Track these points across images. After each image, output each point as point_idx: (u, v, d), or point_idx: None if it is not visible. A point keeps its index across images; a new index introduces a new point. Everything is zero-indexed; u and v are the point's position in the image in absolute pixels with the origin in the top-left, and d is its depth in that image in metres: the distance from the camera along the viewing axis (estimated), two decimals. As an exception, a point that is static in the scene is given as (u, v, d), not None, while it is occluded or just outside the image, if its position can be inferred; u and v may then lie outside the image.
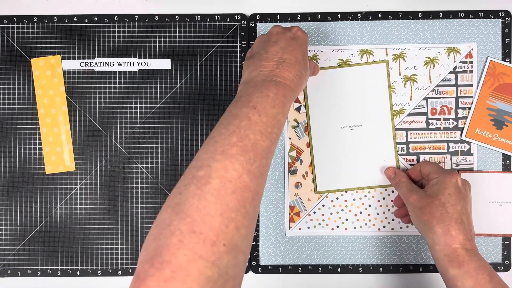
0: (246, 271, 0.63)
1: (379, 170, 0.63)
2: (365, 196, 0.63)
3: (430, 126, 0.63)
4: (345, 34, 0.64)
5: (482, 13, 0.63)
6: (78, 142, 0.63)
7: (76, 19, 0.64)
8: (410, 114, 0.63)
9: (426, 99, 0.63)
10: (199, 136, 0.64)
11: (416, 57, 0.63)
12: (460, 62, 0.63)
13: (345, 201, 0.63)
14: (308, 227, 0.63)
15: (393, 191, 0.63)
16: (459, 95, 0.63)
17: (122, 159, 0.64)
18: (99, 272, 0.63)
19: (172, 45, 0.64)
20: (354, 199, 0.63)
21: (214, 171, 0.39)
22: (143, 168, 0.63)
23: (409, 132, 0.63)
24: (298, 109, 0.64)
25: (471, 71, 0.63)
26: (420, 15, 0.63)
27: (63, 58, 0.64)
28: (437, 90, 0.63)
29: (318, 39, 0.64)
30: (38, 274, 0.63)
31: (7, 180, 0.63)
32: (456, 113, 0.63)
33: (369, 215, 0.63)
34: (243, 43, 0.64)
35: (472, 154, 0.63)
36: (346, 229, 0.63)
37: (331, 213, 0.63)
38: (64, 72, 0.64)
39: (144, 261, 0.34)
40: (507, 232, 0.63)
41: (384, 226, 0.63)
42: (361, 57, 0.63)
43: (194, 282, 0.33)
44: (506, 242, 0.63)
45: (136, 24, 0.64)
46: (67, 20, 0.64)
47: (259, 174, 0.41)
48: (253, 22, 0.64)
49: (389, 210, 0.63)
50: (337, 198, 0.63)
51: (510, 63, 0.63)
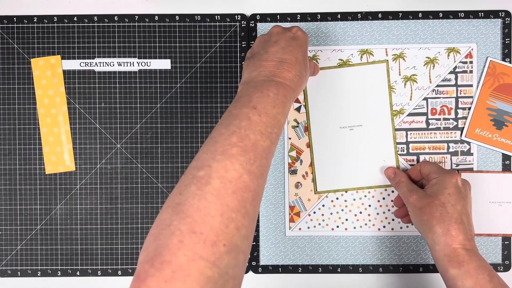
0: (246, 271, 0.63)
1: (379, 170, 0.63)
2: (365, 196, 0.63)
3: (430, 126, 0.63)
4: (345, 34, 0.64)
5: (482, 13, 0.63)
6: (78, 142, 0.63)
7: (76, 19, 0.64)
8: (410, 114, 0.63)
9: (426, 99, 0.63)
10: (199, 136, 0.64)
11: (416, 57, 0.63)
12: (460, 62, 0.63)
13: (345, 201, 0.63)
14: (308, 227, 0.63)
15: (393, 191, 0.63)
16: (459, 95, 0.63)
17: (122, 159, 0.63)
18: (99, 272, 0.63)
19: (172, 45, 0.64)
20: (354, 199, 0.63)
21: (215, 171, 0.39)
22: (143, 168, 0.63)
23: (409, 132, 0.63)
24: (298, 109, 0.64)
25: (471, 71, 0.63)
26: (420, 15, 0.63)
27: (63, 58, 0.64)
28: (437, 90, 0.63)
29: (318, 39, 0.64)
30: (38, 274, 0.63)
31: (7, 180, 0.63)
32: (456, 113, 0.63)
33: (369, 215, 0.63)
34: (243, 43, 0.64)
35: (472, 154, 0.63)
36: (346, 229, 0.63)
37: (331, 213, 0.63)
38: (64, 72, 0.64)
39: (144, 261, 0.34)
40: (507, 232, 0.63)
41: (384, 226, 0.63)
42: (361, 57, 0.63)
43: (194, 282, 0.33)
44: (506, 242, 0.63)
45: (136, 24, 0.64)
46: (67, 20, 0.64)
47: (259, 174, 0.41)
48: (253, 22, 0.64)
49: (389, 210, 0.63)
50: (337, 198, 0.63)
51: (510, 63, 0.63)
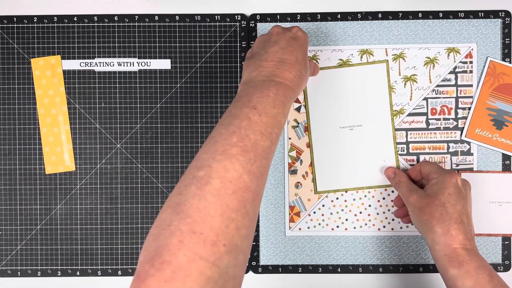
0: (246, 271, 0.63)
1: (379, 170, 0.63)
2: (365, 196, 0.63)
3: (430, 126, 0.63)
4: (345, 34, 0.64)
5: (482, 13, 0.63)
6: (78, 142, 0.63)
7: (76, 19, 0.64)
8: (410, 114, 0.63)
9: (426, 99, 0.63)
10: (199, 136, 0.64)
11: (416, 57, 0.63)
12: (460, 62, 0.63)
13: (345, 201, 0.63)
14: (308, 227, 0.63)
15: (393, 191, 0.63)
16: (459, 95, 0.63)
17: (122, 159, 0.63)
18: (99, 272, 0.63)
19: (172, 45, 0.64)
20: (354, 199, 0.63)
21: (215, 171, 0.39)
22: (143, 168, 0.63)
23: (409, 132, 0.63)
24: (298, 109, 0.64)
25: (471, 71, 0.63)
26: (420, 15, 0.63)
27: (63, 58, 0.64)
28: (437, 90, 0.63)
29: (318, 39, 0.64)
30: (38, 274, 0.63)
31: (7, 180, 0.63)
32: (456, 113, 0.63)
33: (369, 215, 0.63)
34: (243, 43, 0.64)
35: (472, 154, 0.63)
36: (346, 229, 0.63)
37: (331, 213, 0.63)
38: (64, 72, 0.64)
39: (144, 261, 0.34)
40: (507, 232, 0.63)
41: (384, 226, 0.63)
42: (361, 57, 0.63)
43: (194, 282, 0.33)
44: (506, 242, 0.63)
45: (136, 24, 0.64)
46: (67, 20, 0.64)
47: (259, 175, 0.41)
48: (253, 22, 0.64)
49: (389, 210, 0.63)
50: (337, 198, 0.63)
51: (510, 63, 0.63)
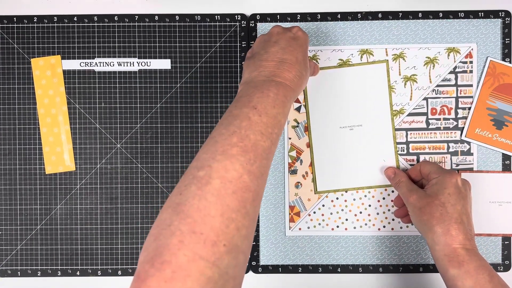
0: (246, 271, 0.63)
1: (379, 170, 0.63)
2: (365, 196, 0.63)
3: (430, 126, 0.63)
4: (345, 34, 0.64)
5: (482, 13, 0.63)
6: (78, 142, 0.63)
7: (76, 19, 0.64)
8: (410, 114, 0.63)
9: (426, 99, 0.63)
10: (199, 136, 0.64)
11: (416, 57, 0.63)
12: (460, 62, 0.63)
13: (345, 201, 0.63)
14: (308, 227, 0.63)
15: (393, 191, 0.63)
16: (459, 95, 0.63)
17: (122, 159, 0.63)
18: (99, 272, 0.63)
19: (172, 45, 0.64)
20: (354, 199, 0.63)
21: (215, 171, 0.39)
22: (143, 168, 0.63)
23: (409, 132, 0.63)
24: (298, 109, 0.64)
25: (471, 71, 0.63)
26: (420, 15, 0.63)
27: (63, 58, 0.64)
28: (437, 90, 0.63)
29: (318, 39, 0.64)
30: (38, 274, 0.63)
31: (7, 180, 0.63)
32: (456, 113, 0.63)
33: (369, 215, 0.63)
34: (243, 43, 0.64)
35: (472, 154, 0.63)
36: (346, 229, 0.63)
37: (331, 213, 0.63)
38: (64, 72, 0.64)
39: (144, 261, 0.34)
40: (507, 232, 0.63)
41: (384, 226, 0.63)
42: (361, 57, 0.63)
43: (194, 282, 0.33)
44: (506, 242, 0.63)
45: (136, 24, 0.64)
46: (67, 20, 0.64)
47: (259, 175, 0.41)
48: (253, 22, 0.64)
49: (389, 210, 0.63)
50: (337, 198, 0.63)
51: (510, 63, 0.63)
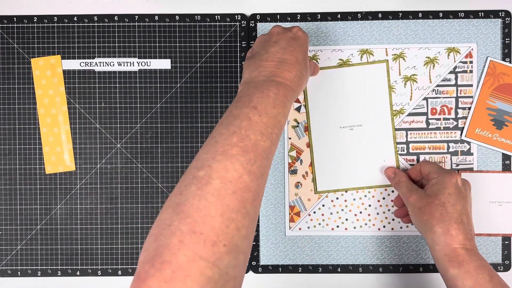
0: (246, 271, 0.63)
1: (379, 170, 0.63)
2: (365, 196, 0.63)
3: (430, 126, 0.63)
4: (345, 34, 0.64)
5: (482, 13, 0.63)
6: (78, 142, 0.63)
7: (76, 19, 0.64)
8: (410, 114, 0.63)
9: (426, 99, 0.63)
10: (199, 136, 0.64)
11: (416, 57, 0.63)
12: (460, 62, 0.63)
13: (345, 201, 0.63)
14: (308, 227, 0.63)
15: (393, 191, 0.63)
16: (459, 95, 0.63)
17: (122, 159, 0.63)
18: (99, 272, 0.63)
19: (172, 45, 0.64)
20: (354, 199, 0.63)
21: (215, 171, 0.39)
22: (143, 168, 0.63)
23: (409, 132, 0.63)
24: (298, 109, 0.64)
25: (471, 71, 0.63)
26: (420, 15, 0.63)
27: (63, 58, 0.64)
28: (437, 90, 0.63)
29: (318, 39, 0.64)
30: (38, 274, 0.63)
31: (7, 180, 0.63)
32: (456, 113, 0.63)
33: (369, 215, 0.63)
34: (243, 43, 0.64)
35: (472, 154, 0.63)
36: (346, 229, 0.63)
37: (331, 213, 0.63)
38: (64, 72, 0.64)
39: (144, 261, 0.34)
40: (507, 232, 0.63)
41: (384, 226, 0.63)
42: (361, 57, 0.63)
43: (194, 282, 0.33)
44: (506, 242, 0.63)
45: (136, 24, 0.64)
46: (67, 20, 0.64)
47: (259, 175, 0.41)
48: (253, 22, 0.64)
49: (389, 210, 0.63)
50: (337, 198, 0.63)
51: (510, 63, 0.63)
